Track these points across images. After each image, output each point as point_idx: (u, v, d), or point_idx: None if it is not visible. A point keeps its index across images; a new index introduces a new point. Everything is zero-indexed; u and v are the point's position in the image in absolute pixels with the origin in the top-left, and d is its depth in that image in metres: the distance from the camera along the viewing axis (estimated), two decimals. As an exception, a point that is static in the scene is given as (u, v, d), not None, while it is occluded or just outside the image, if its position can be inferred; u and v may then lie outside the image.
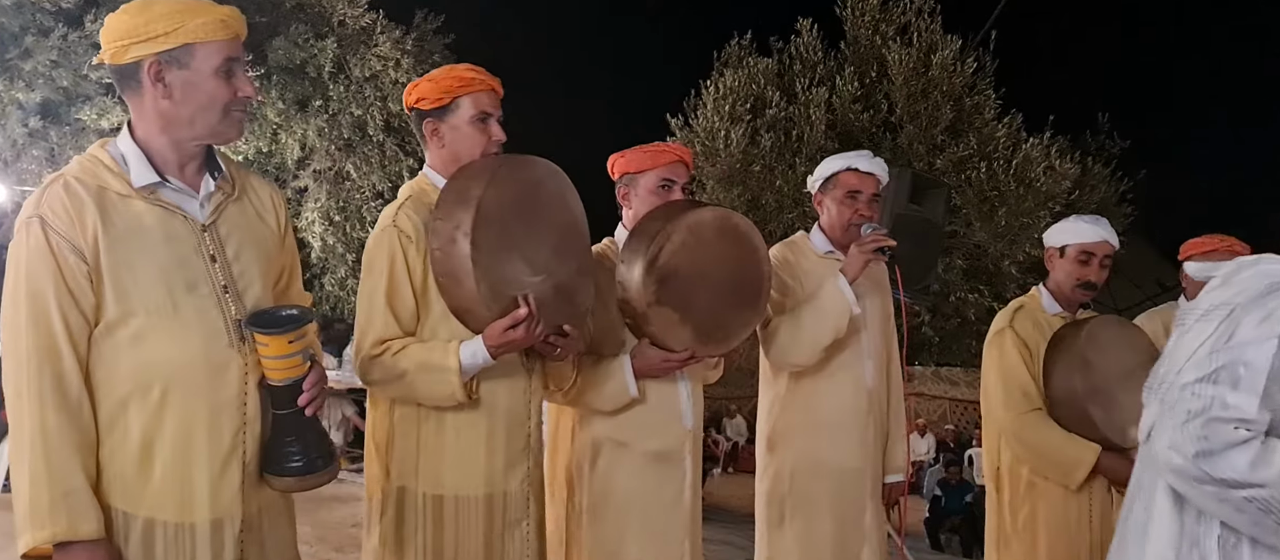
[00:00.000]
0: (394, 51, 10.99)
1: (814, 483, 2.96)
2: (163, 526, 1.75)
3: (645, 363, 2.55)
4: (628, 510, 2.58)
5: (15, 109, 9.04)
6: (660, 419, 2.62)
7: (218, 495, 1.78)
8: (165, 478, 1.75)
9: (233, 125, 1.83)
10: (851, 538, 2.96)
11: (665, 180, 2.66)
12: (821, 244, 3.09)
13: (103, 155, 1.80)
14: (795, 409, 3.01)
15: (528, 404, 2.29)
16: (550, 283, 2.19)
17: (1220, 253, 3.36)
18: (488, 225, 2.05)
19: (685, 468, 2.65)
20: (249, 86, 1.84)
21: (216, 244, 1.82)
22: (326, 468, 1.85)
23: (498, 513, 2.22)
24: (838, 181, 3.06)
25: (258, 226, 1.92)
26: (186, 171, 1.84)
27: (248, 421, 1.82)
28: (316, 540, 5.70)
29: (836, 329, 2.87)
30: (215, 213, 1.85)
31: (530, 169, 2.23)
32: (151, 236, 1.76)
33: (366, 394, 2.35)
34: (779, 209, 10.84)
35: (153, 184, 1.79)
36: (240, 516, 1.81)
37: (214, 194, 1.85)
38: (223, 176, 1.89)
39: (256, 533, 1.85)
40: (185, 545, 1.76)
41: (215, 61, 1.79)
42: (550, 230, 2.21)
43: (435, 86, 2.24)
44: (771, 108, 11.08)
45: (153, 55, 1.77)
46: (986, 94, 11.31)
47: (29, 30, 8.95)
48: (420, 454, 2.19)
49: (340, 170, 11.26)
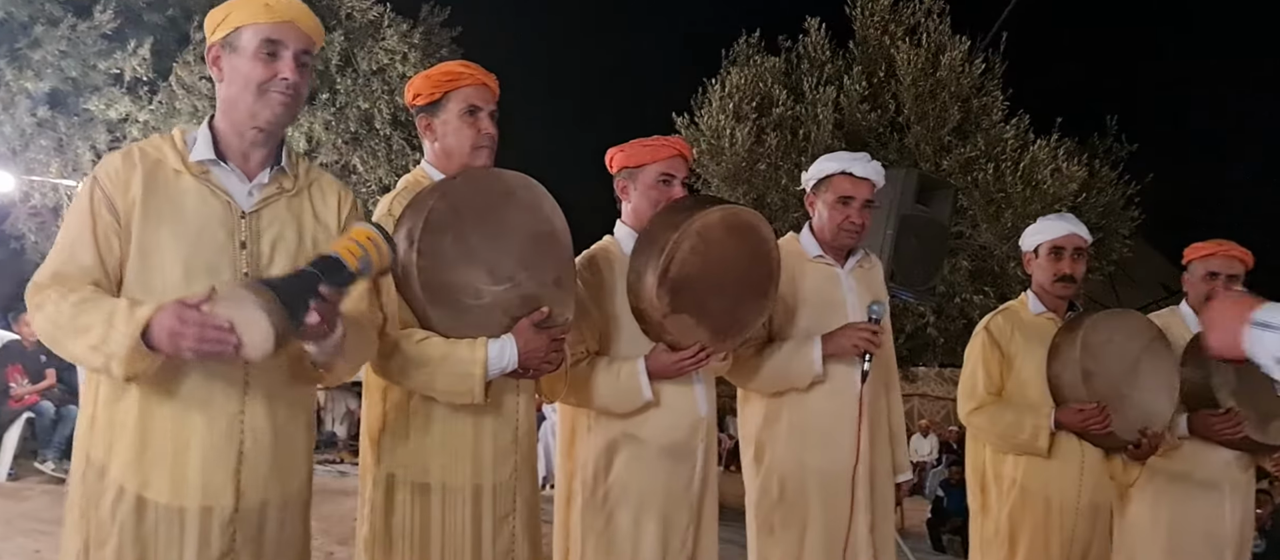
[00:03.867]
0: (401, 45, 10.98)
1: (803, 490, 2.93)
2: (154, 506, 1.77)
3: (660, 366, 2.55)
4: (645, 505, 2.58)
5: (24, 98, 9.05)
6: (675, 412, 2.63)
7: (210, 481, 1.79)
8: (159, 458, 1.77)
9: (268, 105, 1.85)
10: (841, 545, 2.90)
11: (665, 175, 2.65)
12: (811, 247, 3.05)
13: (177, 135, 1.89)
14: (782, 417, 2.97)
15: (517, 398, 2.30)
16: (516, 292, 2.20)
17: (1219, 257, 3.39)
18: (437, 234, 2.07)
19: (697, 456, 2.65)
20: (291, 70, 1.85)
21: (252, 232, 1.85)
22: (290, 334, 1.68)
23: (486, 505, 2.24)
24: (831, 184, 3.00)
25: (309, 225, 1.95)
26: (250, 160, 1.89)
27: (247, 410, 1.83)
28: (320, 533, 5.71)
29: (793, 386, 2.90)
30: (262, 203, 1.88)
31: (498, 180, 2.25)
32: (186, 213, 1.81)
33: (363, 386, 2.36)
34: (784, 208, 10.81)
35: (206, 161, 1.85)
36: (232, 505, 1.81)
37: (267, 185, 1.90)
38: (284, 170, 1.93)
39: (253, 525, 1.85)
40: (174, 527, 1.78)
41: (255, 43, 1.84)
42: (518, 240, 2.21)
43: (428, 82, 2.29)
44: (778, 106, 11.04)
45: (217, 43, 1.88)
46: (994, 95, 11.26)
47: (38, 20, 8.96)
48: (409, 443, 2.21)
49: (347, 163, 11.26)
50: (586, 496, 2.61)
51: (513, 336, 2.16)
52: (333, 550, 5.49)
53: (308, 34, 1.90)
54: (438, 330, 2.13)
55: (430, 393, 2.16)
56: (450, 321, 2.13)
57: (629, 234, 2.67)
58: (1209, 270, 3.40)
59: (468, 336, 2.14)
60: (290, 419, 1.93)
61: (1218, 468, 3.32)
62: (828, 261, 3.02)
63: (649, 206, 2.64)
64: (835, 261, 3.03)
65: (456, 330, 2.14)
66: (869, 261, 3.12)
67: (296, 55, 1.88)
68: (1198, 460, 3.32)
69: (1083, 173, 10.93)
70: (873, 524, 2.94)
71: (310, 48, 1.92)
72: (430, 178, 2.30)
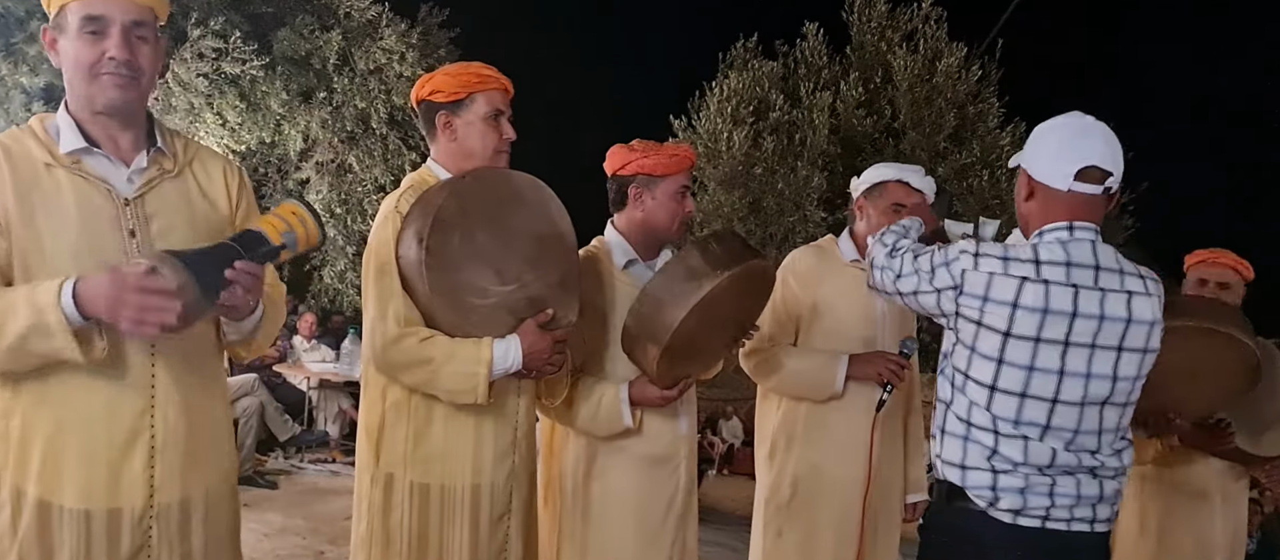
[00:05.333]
0: (399, 45, 10.97)
1: (815, 493, 2.92)
2: (58, 510, 1.69)
3: (644, 396, 2.49)
4: (624, 513, 2.55)
5: (19, 93, 9.02)
6: (656, 425, 2.59)
7: (116, 481, 1.72)
8: (62, 460, 1.69)
9: (101, 89, 1.72)
10: (851, 550, 2.89)
11: (683, 186, 2.62)
12: (849, 251, 3.02)
13: (37, 126, 1.75)
14: (799, 417, 2.96)
15: (517, 399, 2.30)
16: (523, 293, 2.19)
17: (1208, 264, 3.40)
18: (445, 232, 2.06)
19: (680, 471, 2.64)
20: (120, 47, 1.70)
21: (139, 219, 1.74)
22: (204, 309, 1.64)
23: (484, 505, 2.23)
24: (886, 191, 2.94)
25: (199, 204, 1.84)
26: (120, 144, 1.77)
27: (156, 404, 1.74)
28: (310, 532, 5.69)
29: (811, 397, 2.89)
30: (144, 187, 1.77)
31: (506, 181, 2.24)
32: (66, 210, 1.69)
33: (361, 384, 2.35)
34: (780, 212, 10.83)
35: (78, 151, 1.72)
36: (143, 504, 1.73)
37: (147, 169, 1.78)
38: (162, 151, 1.81)
39: (173, 521, 1.78)
40: (79, 530, 1.70)
41: (77, 21, 1.71)
42: (525, 241, 2.21)
43: (452, 80, 2.26)
44: (775, 111, 11.07)
45: (48, 26, 1.75)
46: (990, 102, 11.30)
47: (34, 15, 8.93)
48: (408, 442, 2.20)
49: (343, 162, 11.25)
50: (567, 502, 2.58)
51: (517, 337, 2.15)
52: (324, 549, 5.46)
53: (138, 3, 1.72)
54: (443, 328, 2.13)
55: (433, 391, 2.15)
56: (456, 320, 2.12)
57: (620, 241, 2.61)
58: (1200, 278, 3.41)
59: (472, 336, 2.13)
60: (205, 405, 1.84)
61: (1209, 477, 3.32)
62: (862, 267, 2.94)
63: (667, 219, 2.58)
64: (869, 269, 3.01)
65: (461, 329, 2.13)
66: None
67: (126, 28, 1.70)
68: (1189, 470, 3.32)
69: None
70: (877, 540, 2.95)
71: (144, 17, 1.73)
72: (436, 177, 2.29)
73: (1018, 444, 1.90)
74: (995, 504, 1.92)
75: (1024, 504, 1.90)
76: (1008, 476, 1.90)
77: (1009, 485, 1.90)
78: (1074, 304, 1.87)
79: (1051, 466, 1.90)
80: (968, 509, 1.95)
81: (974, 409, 1.95)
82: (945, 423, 2.01)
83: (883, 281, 2.15)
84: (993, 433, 1.92)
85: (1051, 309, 1.86)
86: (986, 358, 1.91)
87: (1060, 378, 1.88)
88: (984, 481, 1.92)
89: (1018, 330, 1.87)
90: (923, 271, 2.01)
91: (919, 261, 2.03)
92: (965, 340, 1.96)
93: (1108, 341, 1.89)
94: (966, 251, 1.95)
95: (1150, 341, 1.94)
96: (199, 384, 1.83)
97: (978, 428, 1.94)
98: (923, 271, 2.01)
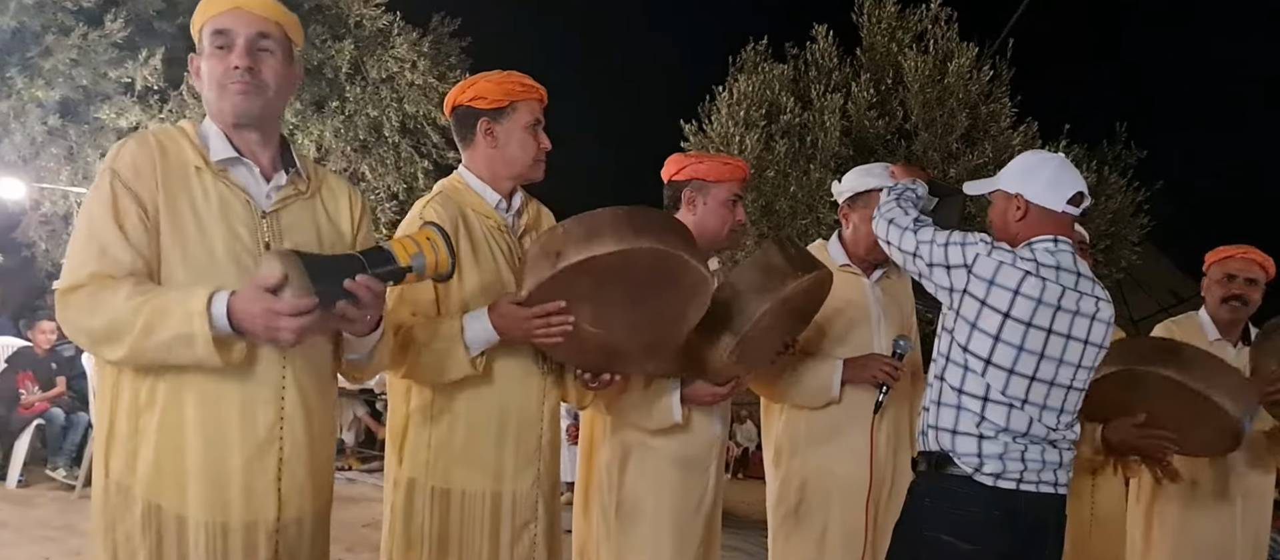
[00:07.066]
0: (411, 53, 11.03)
1: (820, 497, 2.92)
2: (192, 523, 1.70)
3: (696, 394, 2.57)
4: (657, 514, 2.60)
5: (35, 107, 9.10)
6: (695, 429, 2.65)
7: (251, 493, 1.73)
8: (196, 472, 1.70)
9: (227, 98, 1.79)
10: (858, 553, 2.89)
11: (735, 195, 2.69)
12: (839, 255, 3.03)
13: (189, 128, 1.83)
14: (802, 419, 2.97)
15: (541, 406, 2.30)
16: (601, 339, 2.19)
17: (1238, 260, 3.37)
18: (583, 272, 2.00)
19: (710, 472, 2.67)
20: (242, 57, 1.77)
21: (275, 233, 1.81)
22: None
23: (506, 513, 2.24)
24: (870, 200, 2.92)
25: (325, 227, 1.92)
26: (261, 161, 1.85)
27: (287, 416, 1.77)
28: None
29: (809, 404, 2.91)
30: (281, 203, 1.84)
31: (685, 271, 2.10)
32: (210, 213, 1.75)
33: (380, 393, 2.37)
34: (793, 215, 10.80)
35: (227, 160, 1.80)
36: (275, 516, 1.75)
37: (284, 187, 1.86)
38: (297, 172, 1.90)
39: (292, 538, 1.80)
40: (216, 546, 1.70)
41: (208, 38, 1.81)
42: (642, 311, 2.17)
43: (496, 88, 2.28)
44: (786, 114, 11.04)
45: (195, 54, 1.86)
46: (1002, 102, 11.24)
47: (50, 29, 9.02)
48: (431, 448, 2.21)
49: (355, 171, 11.31)
50: (602, 504, 2.63)
51: (486, 311, 2.12)
52: (341, 557, 5.49)
53: (260, 15, 1.80)
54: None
55: (427, 377, 2.17)
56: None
57: None
58: (1227, 273, 3.37)
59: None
60: (322, 426, 1.87)
61: (1229, 476, 3.30)
62: (854, 271, 2.99)
63: (718, 224, 2.69)
64: (862, 272, 3.01)
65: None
66: (897, 272, 3.06)
67: (250, 40, 1.78)
68: (1208, 469, 3.29)
69: (1092, 179, 10.90)
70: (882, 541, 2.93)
71: (266, 30, 1.80)
72: (468, 185, 2.31)
73: (1002, 409, 2.23)
74: (980, 469, 2.24)
75: (1003, 468, 2.23)
76: (990, 442, 2.24)
77: (991, 452, 2.24)
78: (1059, 299, 2.24)
79: (1026, 434, 2.24)
80: (954, 474, 2.27)
81: (968, 376, 2.26)
82: (940, 395, 2.32)
83: (902, 242, 2.41)
84: (982, 399, 2.25)
85: (1043, 300, 2.22)
86: (986, 334, 2.24)
87: (1039, 359, 2.23)
88: (970, 448, 2.25)
89: (1015, 313, 2.22)
90: (938, 244, 2.33)
91: (937, 235, 2.35)
92: (968, 317, 2.27)
93: (1078, 334, 2.27)
94: (984, 240, 2.28)
95: (1105, 339, 2.33)
96: (320, 402, 1.86)
97: (969, 395, 2.26)
98: (938, 244, 2.33)
